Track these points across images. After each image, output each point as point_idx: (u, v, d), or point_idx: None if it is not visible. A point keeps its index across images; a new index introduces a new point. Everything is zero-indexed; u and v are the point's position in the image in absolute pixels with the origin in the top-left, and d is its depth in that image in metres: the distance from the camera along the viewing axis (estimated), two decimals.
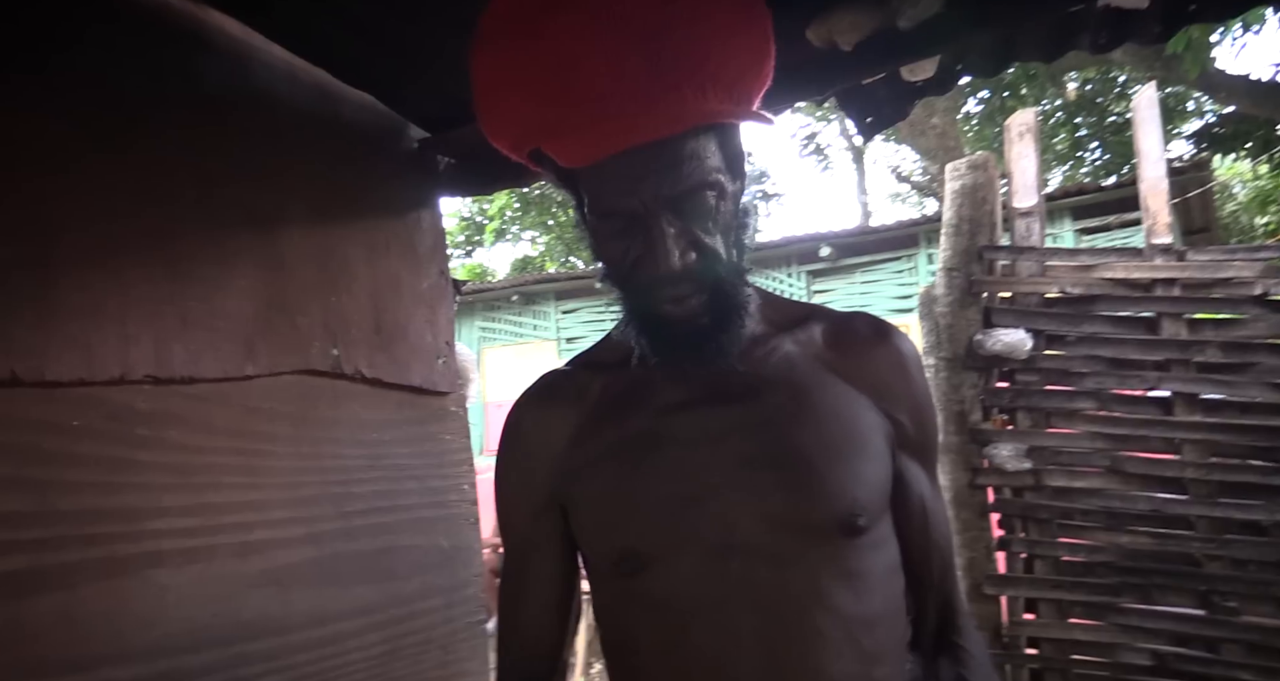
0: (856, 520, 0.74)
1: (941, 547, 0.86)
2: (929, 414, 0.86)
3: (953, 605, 0.88)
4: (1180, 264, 2.10)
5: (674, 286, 0.72)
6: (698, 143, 0.70)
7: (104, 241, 1.20)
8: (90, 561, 1.14)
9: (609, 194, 0.72)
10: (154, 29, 1.32)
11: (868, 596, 0.76)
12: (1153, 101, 2.14)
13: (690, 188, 0.70)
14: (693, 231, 0.71)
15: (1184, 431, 2.10)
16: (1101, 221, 6.18)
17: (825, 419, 0.77)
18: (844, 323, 0.85)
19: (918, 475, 0.84)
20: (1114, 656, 2.12)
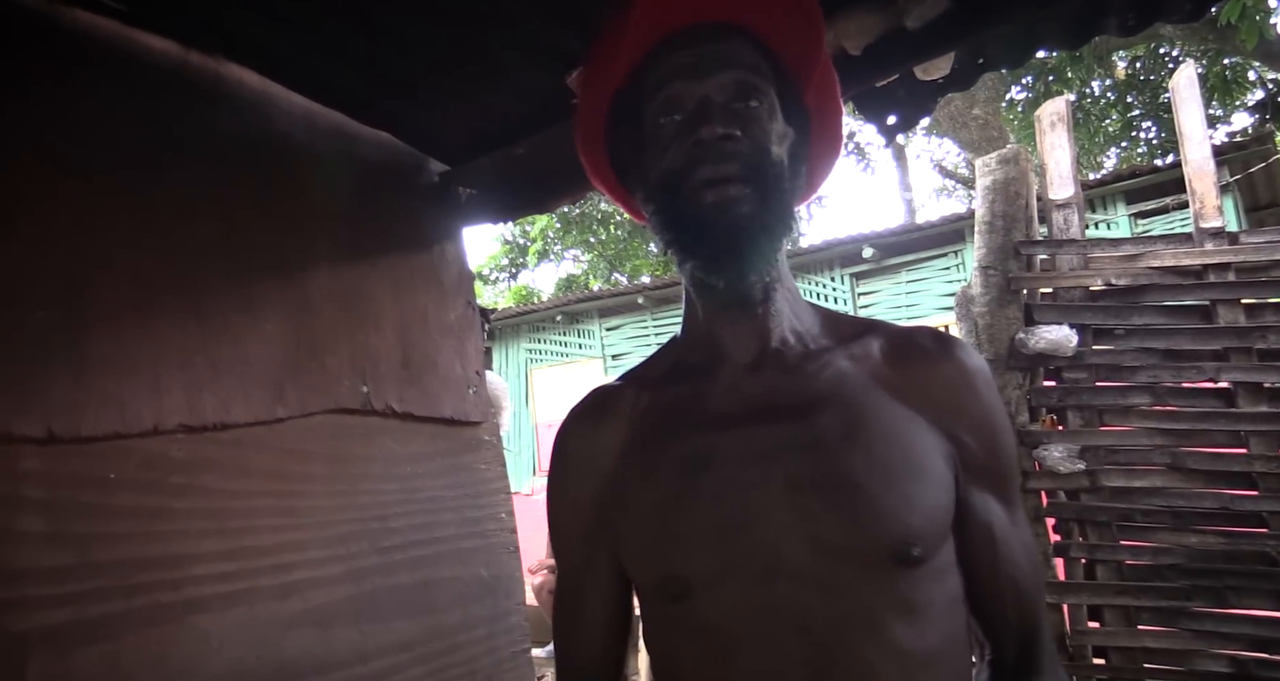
0: (910, 550, 0.70)
1: (1017, 581, 0.78)
2: (1000, 434, 0.78)
3: (1032, 645, 0.80)
4: (1233, 247, 2.00)
5: (714, 161, 0.72)
6: (752, 62, 0.76)
7: (133, 295, 1.23)
8: (133, 611, 1.16)
9: (668, 83, 0.76)
10: (174, 85, 1.36)
11: (925, 630, 0.71)
12: (1192, 80, 2.05)
13: (743, 85, 0.75)
14: (741, 117, 0.74)
15: (1249, 423, 1.99)
16: (1158, 203, 5.94)
17: (879, 440, 0.73)
18: (904, 338, 0.80)
19: (986, 501, 0.77)
20: (1189, 664, 2.01)
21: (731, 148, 0.72)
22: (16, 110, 1.16)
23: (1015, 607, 0.78)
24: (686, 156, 0.73)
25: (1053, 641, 0.82)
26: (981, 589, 0.77)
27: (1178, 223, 5.88)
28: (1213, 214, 2.04)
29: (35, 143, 1.17)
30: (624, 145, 0.82)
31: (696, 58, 0.75)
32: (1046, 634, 0.81)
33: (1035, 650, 0.79)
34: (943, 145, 13.87)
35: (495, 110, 1.64)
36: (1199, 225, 2.06)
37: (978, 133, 10.27)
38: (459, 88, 1.58)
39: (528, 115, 1.62)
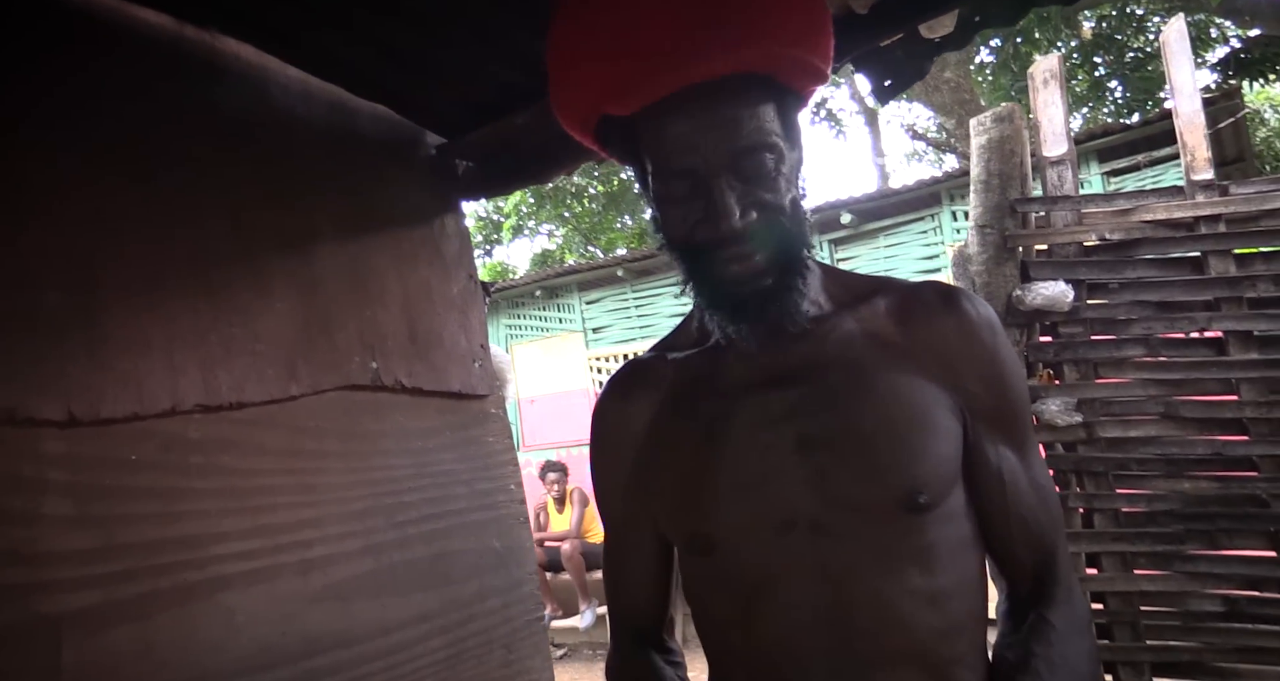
0: (918, 498, 0.74)
1: (1027, 522, 0.81)
2: (1008, 380, 0.82)
3: (1047, 577, 0.83)
4: (1224, 199, 2.03)
5: (736, 245, 0.73)
6: (757, 105, 0.73)
7: (145, 276, 1.22)
8: (161, 591, 1.17)
9: (671, 152, 0.74)
10: (171, 61, 1.33)
11: (937, 570, 0.76)
12: (1183, 34, 2.06)
13: (750, 146, 0.72)
14: (754, 191, 0.73)
15: (1240, 370, 2.04)
16: (1130, 161, 6.01)
17: (884, 398, 0.77)
18: (909, 294, 0.83)
19: (996, 446, 0.80)
20: (1184, 605, 2.08)
21: (748, 229, 0.73)
22: (21, 93, 1.13)
23: (1026, 546, 0.82)
24: (705, 236, 0.74)
25: (1070, 572, 0.84)
26: (994, 530, 0.82)
27: (1149, 180, 5.96)
28: (1203, 166, 2.07)
29: (41, 124, 1.14)
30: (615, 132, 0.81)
31: (697, 124, 0.73)
32: (1064, 566, 0.84)
33: (1049, 583, 0.82)
34: (913, 109, 13.89)
35: (493, 80, 1.62)
36: (1190, 177, 2.09)
37: (949, 96, 10.29)
38: (456, 58, 1.55)
39: (527, 85, 1.60)
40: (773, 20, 0.72)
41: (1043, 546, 0.82)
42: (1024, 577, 0.83)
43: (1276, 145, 10.66)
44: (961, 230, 6.61)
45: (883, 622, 0.74)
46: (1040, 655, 0.77)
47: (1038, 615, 0.80)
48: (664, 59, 0.71)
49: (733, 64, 0.72)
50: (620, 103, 0.75)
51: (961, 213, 6.64)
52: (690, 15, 0.70)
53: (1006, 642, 0.81)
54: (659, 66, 0.71)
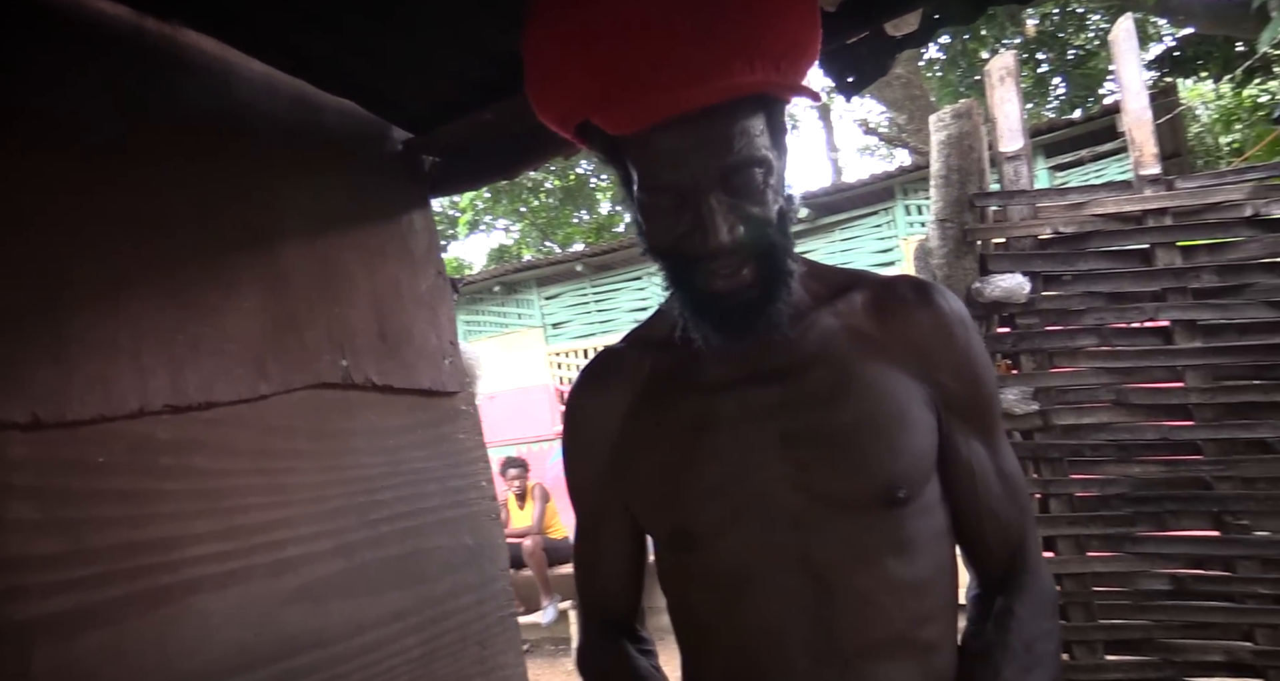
0: (896, 493, 0.76)
1: (996, 513, 0.84)
2: (979, 373, 0.83)
3: (1016, 565, 0.85)
4: (1170, 193, 2.11)
5: (723, 260, 0.72)
6: (747, 120, 0.71)
7: (110, 276, 1.19)
8: (133, 595, 1.15)
9: (659, 169, 0.72)
10: (131, 55, 1.30)
11: (915, 561, 0.78)
12: (1130, 32, 2.13)
13: (740, 163, 0.71)
14: (742, 206, 0.72)
15: (1186, 358, 2.13)
16: (1075, 156, 6.20)
17: (863, 393, 0.78)
18: (885, 288, 0.84)
19: (967, 438, 0.83)
20: (1134, 584, 2.16)
21: (736, 245, 0.72)
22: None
23: (996, 536, 0.85)
24: (692, 250, 0.73)
25: (1039, 558, 0.87)
26: (964, 521, 0.84)
27: (1093, 174, 6.15)
28: (1151, 161, 2.14)
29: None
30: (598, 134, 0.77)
31: (686, 142, 0.70)
32: (1032, 554, 0.86)
33: (1017, 571, 0.85)
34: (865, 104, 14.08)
35: (462, 75, 1.60)
36: (1138, 172, 2.16)
37: (901, 91, 10.47)
38: (423, 53, 1.53)
39: (496, 80, 1.59)
40: (771, 38, 0.70)
41: (1011, 537, 0.85)
42: (994, 566, 0.86)
43: (1208, 140, 11.06)
44: (914, 224, 6.74)
45: (863, 614, 0.76)
46: (999, 643, 0.79)
47: (1003, 604, 0.82)
48: (654, 83, 0.68)
49: (729, 91, 0.68)
50: (606, 120, 0.71)
51: (914, 207, 6.78)
52: (684, 29, 0.67)
53: (972, 631, 0.84)
54: (649, 91, 0.68)
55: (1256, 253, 2.10)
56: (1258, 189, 2.04)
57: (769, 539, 0.77)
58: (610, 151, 0.77)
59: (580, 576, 0.98)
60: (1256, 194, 2.03)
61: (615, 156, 0.76)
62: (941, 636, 0.80)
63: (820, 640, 0.76)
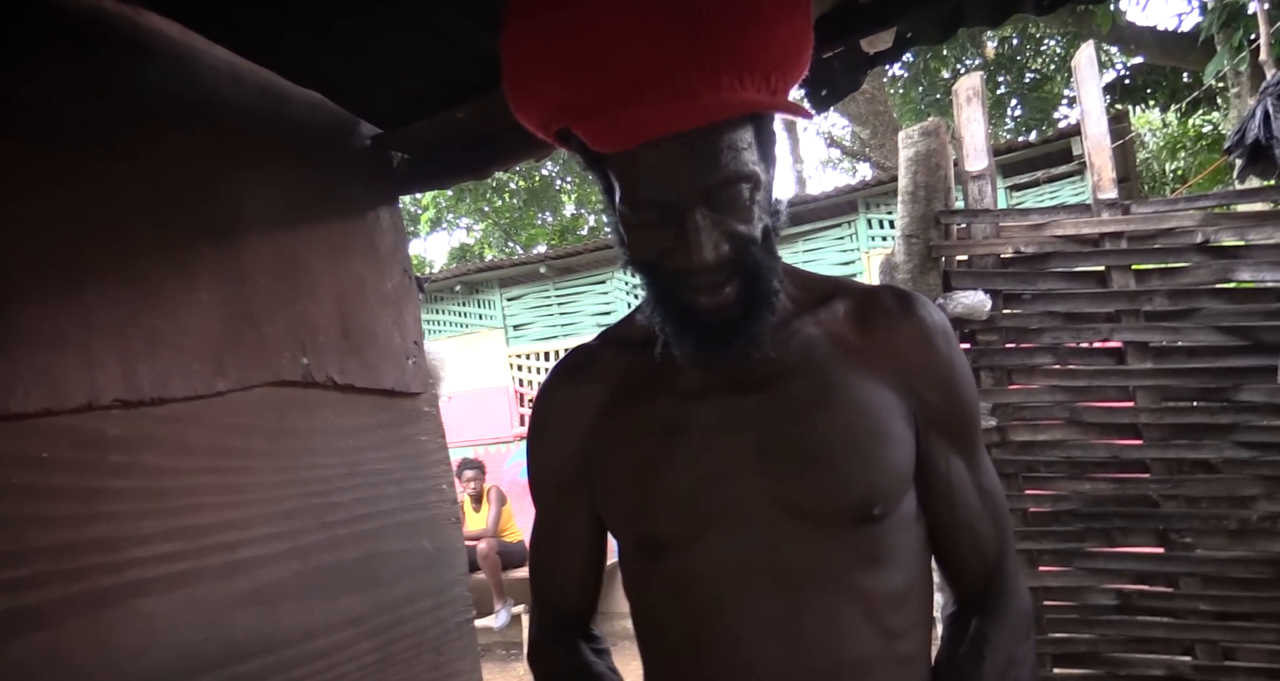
0: (872, 509, 0.75)
1: (974, 528, 0.82)
2: (960, 388, 0.81)
3: (994, 584, 0.83)
4: (1125, 217, 2.18)
5: (707, 277, 0.70)
6: (735, 133, 0.68)
7: (61, 266, 1.14)
8: (73, 596, 1.10)
9: (643, 184, 0.69)
10: (90, 37, 1.25)
11: (889, 577, 0.76)
12: (1092, 60, 2.19)
13: (726, 179, 0.68)
14: (727, 222, 0.69)
15: (1137, 379, 2.19)
16: (1031, 177, 6.35)
17: (842, 406, 0.76)
18: (867, 298, 0.82)
19: (946, 453, 0.81)
20: (1082, 599, 2.21)
21: (721, 262, 0.69)
22: None
23: (973, 553, 0.83)
24: (674, 266, 0.70)
25: (1017, 576, 0.86)
26: (942, 537, 0.83)
27: (1047, 196, 6.30)
28: (1109, 186, 2.20)
29: None
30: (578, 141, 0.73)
31: (672, 157, 0.67)
32: (1010, 572, 0.85)
33: (994, 591, 0.83)
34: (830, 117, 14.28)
35: (434, 72, 1.58)
36: (1096, 196, 2.22)
37: (865, 107, 10.64)
38: (395, 47, 1.51)
39: (469, 78, 1.57)
40: (763, 51, 0.66)
41: (989, 554, 0.83)
42: (971, 583, 0.84)
43: (1155, 167, 11.43)
44: (876, 237, 6.84)
45: (836, 631, 0.74)
46: (973, 672, 0.78)
47: (979, 628, 0.81)
48: (640, 97, 0.64)
49: (719, 110, 0.64)
50: (588, 134, 0.67)
51: (876, 221, 6.88)
52: (672, 39, 0.63)
53: (947, 652, 0.83)
54: (634, 106, 0.65)
55: (1206, 278, 2.17)
56: (1208, 216, 2.11)
57: (739, 551, 0.75)
58: (591, 160, 0.73)
59: (536, 572, 0.95)
60: (1207, 221, 2.10)
61: (596, 166, 0.74)
62: (915, 653, 0.79)
63: (790, 656, 0.74)
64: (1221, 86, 7.52)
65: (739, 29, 0.65)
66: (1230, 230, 2.13)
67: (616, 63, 0.65)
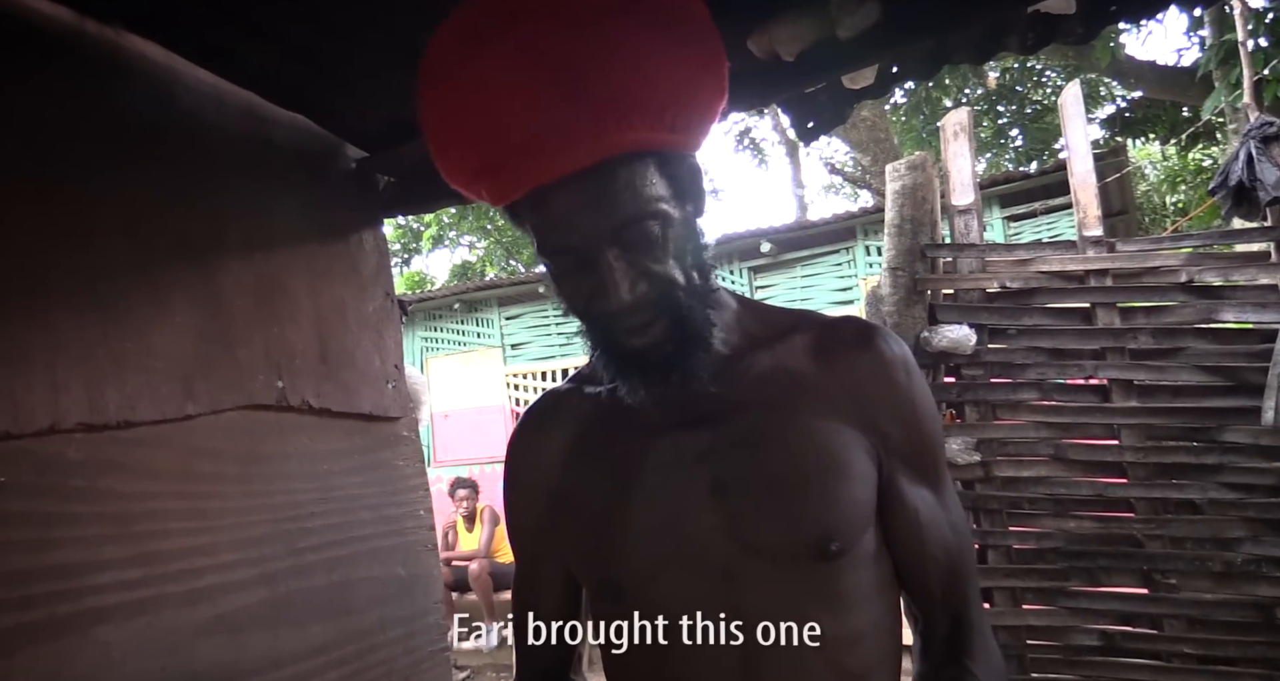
0: (829, 545, 0.74)
1: (941, 562, 0.81)
2: (922, 420, 0.80)
3: (965, 622, 0.82)
4: (1111, 255, 2.18)
5: (630, 318, 0.71)
6: (632, 173, 0.69)
7: (27, 286, 1.13)
8: (26, 624, 1.08)
9: (551, 232, 0.71)
10: (70, 57, 1.25)
11: (849, 616, 0.75)
12: (1078, 98, 2.21)
13: (628, 219, 0.69)
14: (641, 262, 0.70)
15: (1121, 417, 2.18)
16: (1028, 208, 6.36)
17: (798, 441, 0.75)
18: (827, 331, 0.82)
19: (911, 486, 0.80)
20: (1066, 639, 2.19)
21: (641, 302, 0.70)
22: None
23: (941, 586, 0.82)
24: (600, 310, 0.72)
25: (984, 617, 0.85)
26: (909, 569, 0.81)
27: (1044, 227, 6.32)
28: (1094, 223, 2.20)
29: None
30: None
31: (573, 203, 0.68)
32: (977, 610, 0.84)
33: (965, 628, 0.82)
34: (831, 144, 14.36)
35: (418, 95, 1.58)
36: (1082, 233, 2.23)
37: (866, 134, 10.68)
38: (380, 70, 1.51)
39: None
40: (646, 92, 0.67)
41: (959, 588, 0.82)
42: (940, 616, 0.83)
43: (1154, 199, 11.47)
44: (874, 264, 6.86)
45: (794, 671, 0.74)
46: None
47: (961, 665, 0.80)
48: (525, 151, 0.67)
49: (600, 152, 0.66)
50: (488, 192, 0.71)
51: (875, 248, 6.89)
52: (547, 94, 0.65)
53: None
54: (521, 160, 0.67)
55: (1190, 317, 2.17)
56: (1192, 256, 2.11)
57: (697, 590, 0.75)
58: (513, 218, 0.75)
59: (517, 624, 0.93)
60: (1191, 261, 2.11)
61: (518, 222, 0.75)
62: None
63: None
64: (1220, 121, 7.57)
65: (618, 73, 0.66)
66: (1215, 270, 2.13)
67: (505, 125, 0.67)
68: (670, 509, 0.76)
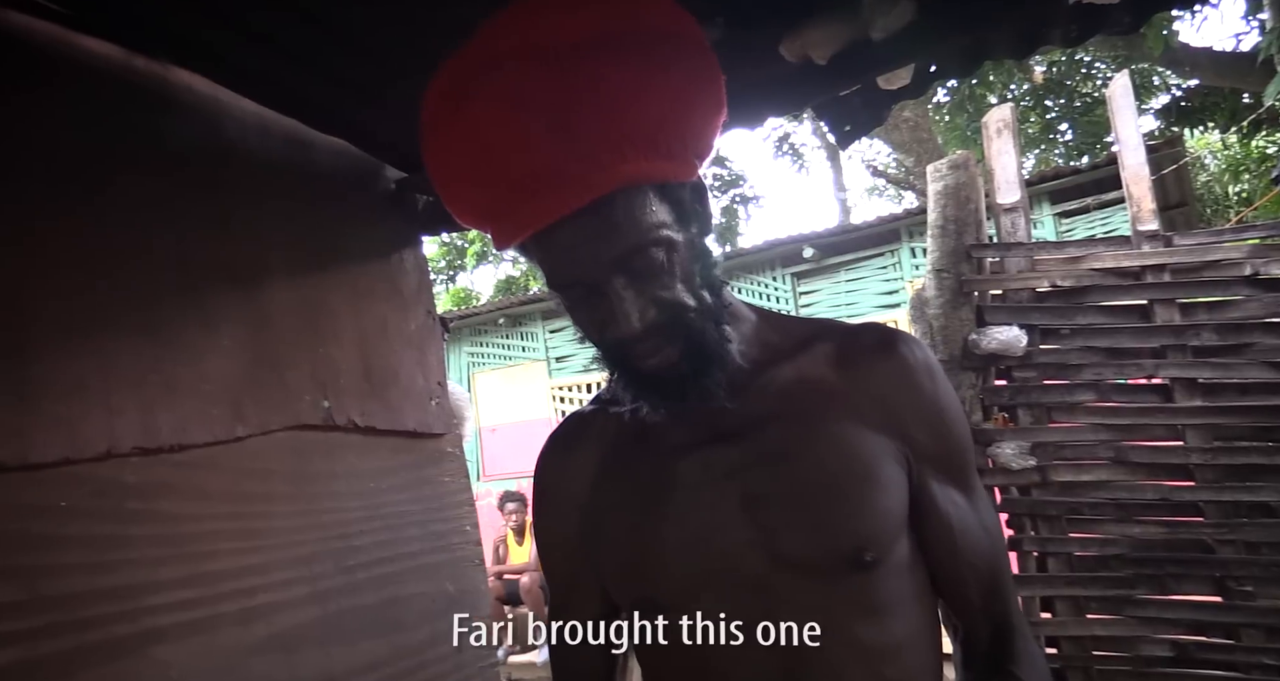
0: (864, 556, 0.73)
1: (978, 567, 0.80)
2: (950, 424, 0.80)
3: (1006, 628, 0.81)
4: (1168, 249, 2.10)
5: (643, 344, 0.71)
6: (631, 202, 0.69)
7: (83, 315, 1.17)
8: (87, 646, 1.10)
9: (556, 266, 0.72)
10: (119, 92, 1.30)
11: (888, 626, 0.74)
12: (1127, 89, 2.14)
13: (630, 248, 0.69)
14: (648, 289, 0.70)
15: (1185, 417, 2.09)
16: (1080, 203, 6.19)
17: (827, 452, 0.75)
18: (849, 339, 0.81)
19: (944, 491, 0.79)
20: (1135, 650, 2.09)
21: (651, 328, 0.71)
22: None
23: (979, 591, 0.81)
24: (614, 337, 0.72)
25: (1024, 621, 0.84)
26: (945, 575, 0.80)
27: (1098, 223, 6.14)
28: (1149, 217, 2.13)
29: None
30: None
31: (574, 236, 0.69)
32: (1016, 614, 0.83)
33: (1007, 631, 0.81)
34: (874, 145, 14.18)
35: None
36: (1136, 228, 2.15)
37: (908, 134, 10.54)
38: (417, 93, 1.53)
39: None
40: (636, 121, 0.67)
41: (997, 592, 0.81)
42: (980, 622, 0.82)
43: (1216, 189, 11.07)
44: (920, 267, 6.74)
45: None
46: None
47: (1006, 671, 0.78)
48: (523, 193, 0.67)
49: (599, 189, 0.67)
50: (492, 235, 0.72)
51: (920, 250, 6.77)
52: (539, 136, 0.66)
53: None
54: (521, 202, 0.68)
55: (1256, 312, 2.07)
56: (1257, 248, 2.02)
57: (734, 606, 0.74)
58: (522, 250, 0.76)
59: (554, 650, 0.93)
60: (1256, 253, 2.02)
61: (527, 255, 0.76)
62: None
63: None
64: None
65: (606, 109, 0.66)
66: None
67: (497, 166, 0.68)
68: (703, 525, 0.76)
